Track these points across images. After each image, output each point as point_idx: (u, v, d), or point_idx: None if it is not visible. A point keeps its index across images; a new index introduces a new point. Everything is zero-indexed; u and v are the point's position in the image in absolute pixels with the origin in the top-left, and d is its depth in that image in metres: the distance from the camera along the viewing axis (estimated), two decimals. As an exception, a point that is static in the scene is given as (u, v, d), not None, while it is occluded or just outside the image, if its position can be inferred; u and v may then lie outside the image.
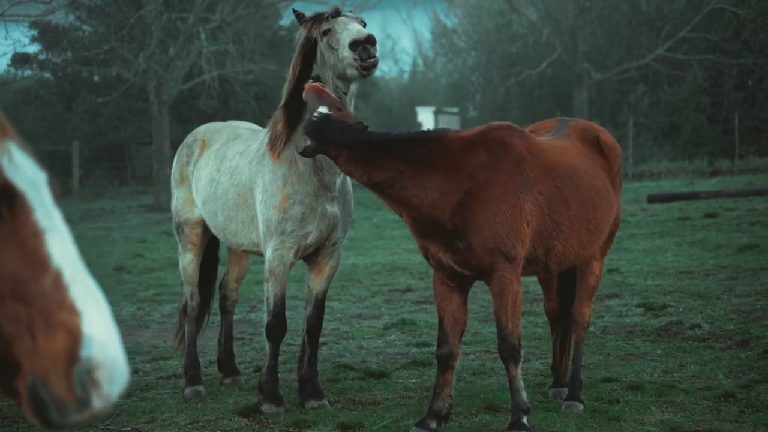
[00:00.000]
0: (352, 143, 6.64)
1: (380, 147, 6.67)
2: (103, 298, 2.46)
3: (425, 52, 65.74)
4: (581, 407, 7.43)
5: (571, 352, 7.79)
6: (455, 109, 54.60)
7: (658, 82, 45.64)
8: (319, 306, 7.91)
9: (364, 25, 7.44)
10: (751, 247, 15.13)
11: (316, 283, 7.92)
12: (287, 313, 12.01)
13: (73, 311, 2.37)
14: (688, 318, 10.53)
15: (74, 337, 2.36)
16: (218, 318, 9.31)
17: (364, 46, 7.11)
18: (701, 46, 43.06)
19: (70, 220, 14.14)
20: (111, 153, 41.43)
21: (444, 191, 6.73)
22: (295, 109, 7.57)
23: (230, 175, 8.08)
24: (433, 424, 7.03)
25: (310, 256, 7.84)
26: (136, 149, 41.65)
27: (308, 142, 6.89)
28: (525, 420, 6.87)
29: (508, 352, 6.92)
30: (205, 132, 8.73)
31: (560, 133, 7.65)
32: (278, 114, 7.74)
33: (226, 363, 8.91)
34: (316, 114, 6.72)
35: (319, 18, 7.51)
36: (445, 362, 7.06)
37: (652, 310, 11.09)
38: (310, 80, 7.19)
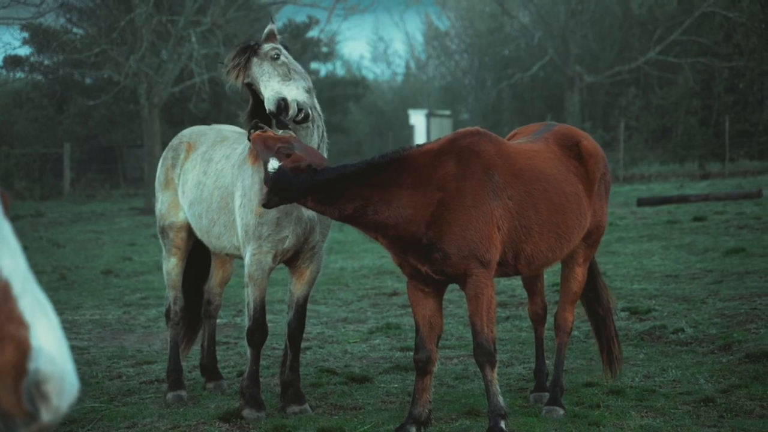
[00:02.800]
0: (311, 188, 6.60)
1: (340, 182, 6.63)
2: (53, 310, 2.46)
3: (418, 54, 65.83)
4: (561, 412, 7.45)
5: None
6: (447, 112, 54.64)
7: (649, 85, 45.72)
8: (300, 311, 7.91)
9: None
10: (738, 251, 15.15)
11: (297, 287, 7.93)
12: (273, 317, 12.05)
13: (21, 324, 2.36)
14: (672, 322, 10.54)
15: (22, 350, 2.35)
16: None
17: (285, 113, 7.16)
18: (693, 49, 43.15)
19: (61, 223, 14.15)
20: (102, 156, 41.38)
21: (416, 206, 6.74)
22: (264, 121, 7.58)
23: (215, 178, 8.11)
24: (413, 430, 7.04)
25: (291, 260, 7.85)
26: (127, 152, 41.60)
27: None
28: (503, 424, 6.88)
29: (484, 356, 6.94)
30: (191, 135, 8.74)
31: (538, 137, 7.67)
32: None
33: (209, 367, 8.90)
34: (269, 168, 6.61)
35: (237, 65, 7.45)
36: (423, 367, 7.08)
37: (636, 314, 11.11)
38: (251, 129, 7.01)
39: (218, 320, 11.76)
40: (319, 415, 7.72)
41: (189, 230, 8.57)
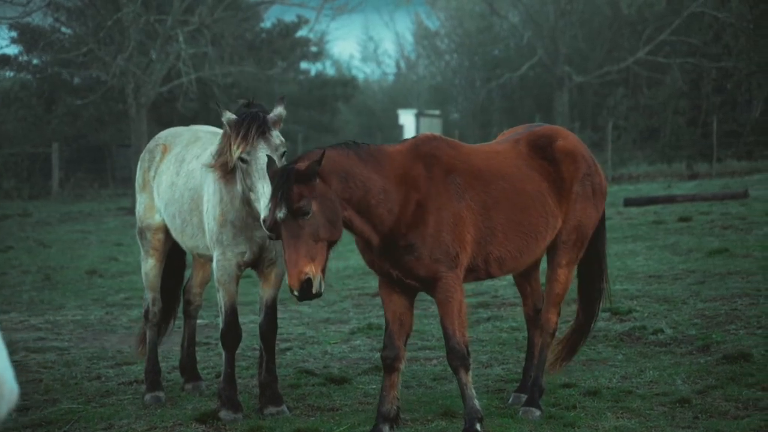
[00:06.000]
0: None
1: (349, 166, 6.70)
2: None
3: (407, 54, 65.82)
4: (538, 413, 7.46)
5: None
6: (437, 112, 54.66)
7: (637, 85, 45.79)
8: (269, 312, 7.91)
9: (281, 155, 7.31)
10: (721, 252, 15.18)
11: (264, 290, 7.96)
12: (255, 318, 12.04)
13: None
14: (651, 323, 10.56)
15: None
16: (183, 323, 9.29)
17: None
18: (681, 50, 43.21)
19: (48, 223, 14.13)
20: (91, 155, 41.32)
21: (400, 203, 6.82)
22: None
23: (186, 178, 8.13)
24: (386, 428, 7.07)
25: (256, 266, 7.88)
26: (116, 152, 41.54)
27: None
28: (478, 426, 6.91)
29: (458, 360, 6.98)
30: (167, 137, 8.75)
31: (509, 138, 7.72)
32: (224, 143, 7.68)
33: (188, 368, 8.90)
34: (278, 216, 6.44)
35: (237, 133, 7.28)
36: (390, 364, 7.11)
37: (617, 314, 11.12)
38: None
39: (199, 321, 11.77)
40: (296, 416, 7.73)
41: (166, 232, 8.57)
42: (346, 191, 6.63)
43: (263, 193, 6.97)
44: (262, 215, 6.74)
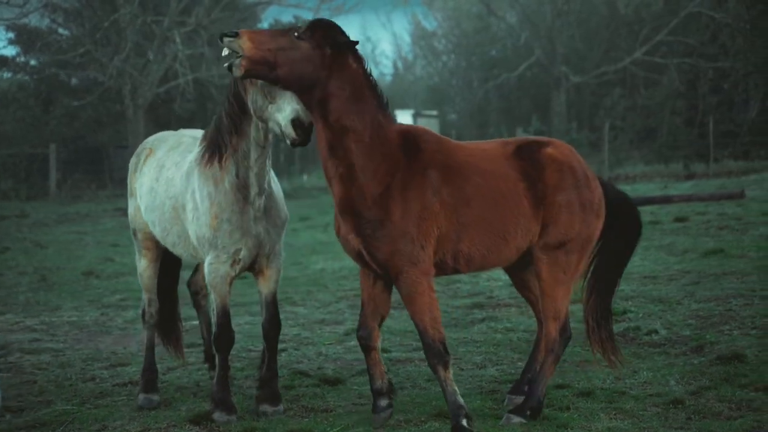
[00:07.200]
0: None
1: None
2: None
3: (405, 55, 65.84)
4: (517, 420, 7.31)
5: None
6: (434, 112, 54.68)
7: (635, 85, 45.82)
8: (271, 309, 7.93)
9: None
10: (716, 252, 15.20)
11: (263, 287, 7.96)
12: (250, 319, 12.07)
13: None
14: (646, 323, 10.58)
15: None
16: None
17: (303, 128, 7.12)
18: (678, 50, 43.25)
19: (45, 224, 14.10)
20: (89, 156, 41.25)
21: (376, 174, 6.99)
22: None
23: (166, 186, 8.15)
24: (384, 402, 7.29)
25: (251, 267, 7.88)
26: (113, 153, 41.48)
27: None
28: (464, 422, 6.96)
29: (435, 358, 7.06)
30: (154, 141, 8.79)
31: (499, 139, 7.78)
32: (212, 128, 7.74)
33: (213, 357, 8.88)
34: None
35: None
36: (366, 345, 7.39)
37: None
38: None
39: (194, 322, 11.78)
40: (290, 418, 7.74)
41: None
42: (344, 88, 6.93)
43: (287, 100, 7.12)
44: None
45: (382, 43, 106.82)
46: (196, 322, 11.78)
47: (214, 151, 7.62)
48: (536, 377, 7.55)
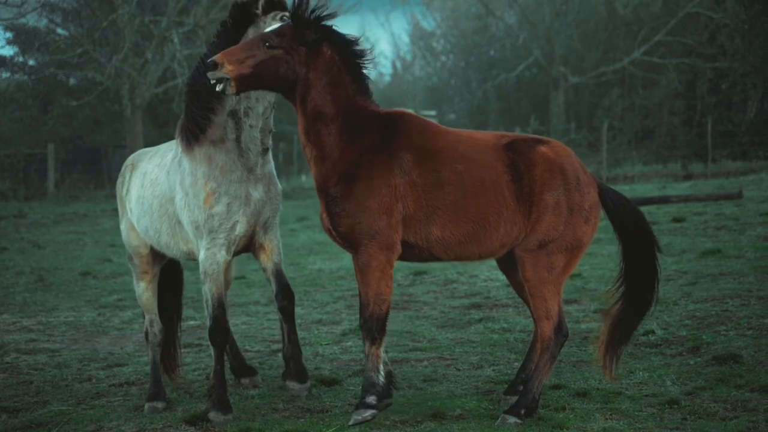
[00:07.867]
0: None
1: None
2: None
3: (404, 55, 65.82)
4: (512, 421, 7.29)
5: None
6: (433, 112, 54.66)
7: (633, 86, 45.84)
8: (280, 279, 8.03)
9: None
10: (714, 252, 15.19)
11: (266, 261, 8.04)
12: (247, 319, 12.06)
13: None
14: (642, 324, 10.53)
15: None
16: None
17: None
18: (677, 50, 43.28)
19: (43, 224, 14.10)
20: (87, 156, 41.26)
21: (343, 156, 7.24)
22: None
23: (152, 188, 8.26)
24: (380, 378, 7.33)
25: (249, 246, 7.94)
26: (112, 153, 41.51)
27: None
28: (370, 399, 7.23)
29: (367, 332, 7.25)
30: (134, 157, 8.96)
31: (497, 131, 7.81)
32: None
33: (237, 366, 8.91)
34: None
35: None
36: None
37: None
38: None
39: (191, 322, 11.81)
40: (286, 418, 7.73)
41: (151, 251, 8.64)
42: (320, 78, 7.25)
43: None
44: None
45: (381, 43, 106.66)
46: (196, 323, 11.87)
47: (193, 129, 7.73)
48: (531, 376, 7.55)
